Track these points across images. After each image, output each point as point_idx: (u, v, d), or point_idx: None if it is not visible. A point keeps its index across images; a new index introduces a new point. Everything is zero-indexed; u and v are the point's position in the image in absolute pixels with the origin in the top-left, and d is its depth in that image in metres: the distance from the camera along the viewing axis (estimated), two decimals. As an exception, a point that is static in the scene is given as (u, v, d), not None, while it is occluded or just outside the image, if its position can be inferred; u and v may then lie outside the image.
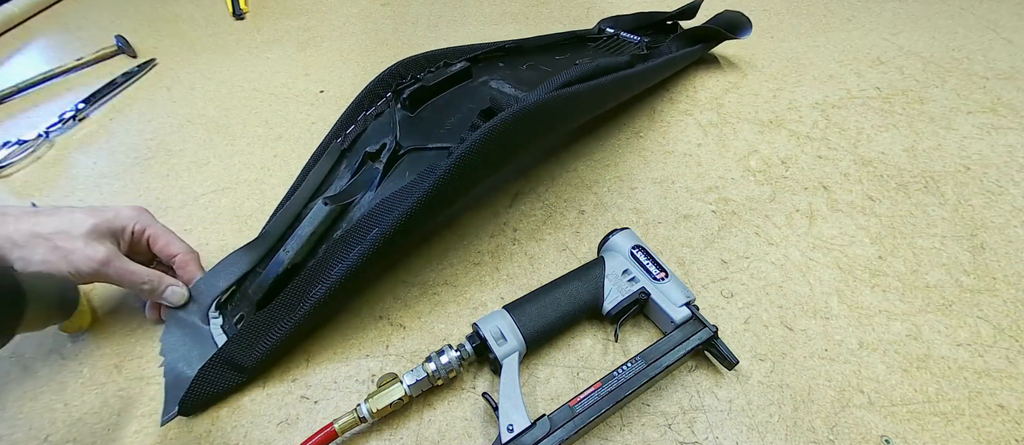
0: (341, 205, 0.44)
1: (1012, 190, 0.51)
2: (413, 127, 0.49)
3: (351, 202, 0.44)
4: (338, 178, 0.48)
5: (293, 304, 0.39)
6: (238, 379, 0.38)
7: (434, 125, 0.49)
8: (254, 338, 0.38)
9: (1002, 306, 0.42)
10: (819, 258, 0.46)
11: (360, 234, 0.39)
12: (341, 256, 0.39)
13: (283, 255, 0.42)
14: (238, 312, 0.42)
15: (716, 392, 0.38)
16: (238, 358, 0.38)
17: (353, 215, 0.44)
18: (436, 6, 0.89)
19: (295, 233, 0.43)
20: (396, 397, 0.35)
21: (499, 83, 0.54)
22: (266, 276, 0.41)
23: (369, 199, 0.44)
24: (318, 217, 0.42)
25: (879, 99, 0.64)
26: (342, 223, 0.43)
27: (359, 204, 0.44)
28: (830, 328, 0.41)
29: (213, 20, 0.89)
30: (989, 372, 0.38)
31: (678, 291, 0.39)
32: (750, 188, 0.53)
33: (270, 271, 0.41)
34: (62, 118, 0.66)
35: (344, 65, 0.75)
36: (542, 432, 0.33)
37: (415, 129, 0.49)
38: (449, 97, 0.53)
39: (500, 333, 0.37)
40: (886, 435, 0.35)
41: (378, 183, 0.45)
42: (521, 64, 0.61)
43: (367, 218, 0.40)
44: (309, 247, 0.42)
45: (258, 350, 0.38)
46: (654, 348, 0.37)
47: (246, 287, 0.43)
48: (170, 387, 0.38)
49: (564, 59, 0.64)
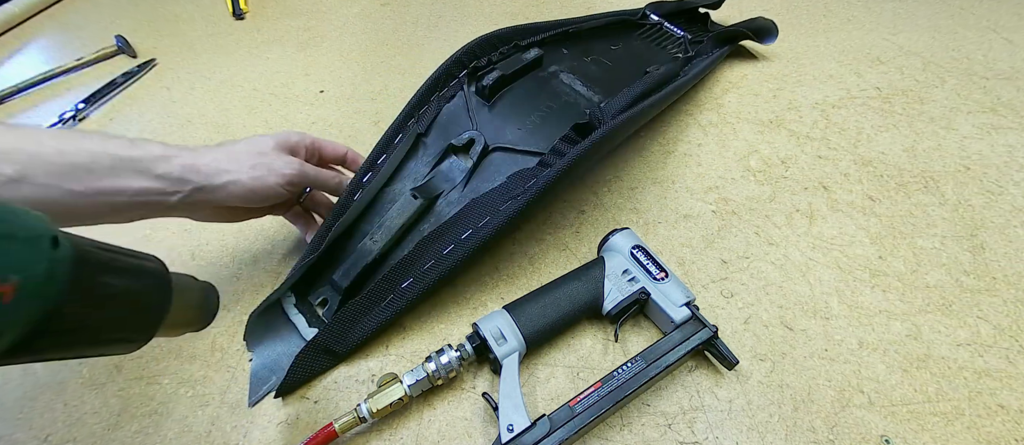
0: (429, 199, 0.45)
1: (1012, 190, 0.51)
2: (491, 118, 0.50)
3: (438, 196, 0.46)
4: (416, 164, 0.48)
5: (383, 295, 0.41)
6: (331, 363, 0.40)
7: (513, 119, 0.50)
8: (348, 326, 0.40)
9: (1002, 306, 0.42)
10: (819, 258, 0.46)
11: (453, 234, 0.41)
12: (434, 254, 0.41)
13: (372, 244, 0.43)
14: (319, 295, 0.43)
15: (716, 392, 0.38)
16: (332, 344, 0.40)
17: (441, 211, 0.45)
18: (436, 6, 0.89)
19: (383, 223, 0.44)
20: (396, 397, 0.35)
21: (570, 78, 0.56)
22: (353, 264, 0.42)
23: (457, 196, 0.45)
24: (407, 209, 0.44)
25: (879, 99, 0.64)
26: (429, 217, 0.45)
27: (447, 199, 0.45)
28: (830, 328, 0.41)
29: (213, 20, 0.89)
30: (989, 372, 0.38)
31: (678, 291, 0.39)
32: (750, 188, 0.53)
33: (357, 260, 0.42)
34: (62, 118, 0.66)
35: (344, 65, 0.75)
36: (542, 432, 0.33)
37: (494, 121, 0.50)
38: (522, 87, 0.54)
39: (500, 333, 0.37)
40: (886, 435, 0.35)
41: (467, 180, 0.46)
42: (583, 54, 0.62)
43: (459, 218, 0.42)
44: (397, 238, 0.44)
45: (352, 337, 0.40)
46: (654, 348, 0.37)
47: (329, 274, 0.43)
48: (255, 372, 0.40)
49: (618, 50, 0.65)
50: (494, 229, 0.40)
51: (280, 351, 0.41)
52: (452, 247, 0.41)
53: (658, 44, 0.69)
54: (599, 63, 0.62)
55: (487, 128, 0.49)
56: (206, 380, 0.40)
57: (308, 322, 0.42)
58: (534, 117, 0.51)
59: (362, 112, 0.66)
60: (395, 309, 0.40)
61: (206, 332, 0.42)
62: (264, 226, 0.51)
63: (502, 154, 0.48)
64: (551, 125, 0.50)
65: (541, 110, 0.52)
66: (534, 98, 0.53)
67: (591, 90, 0.55)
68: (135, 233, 0.49)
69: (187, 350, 0.41)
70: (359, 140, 0.61)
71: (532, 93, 0.53)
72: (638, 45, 0.69)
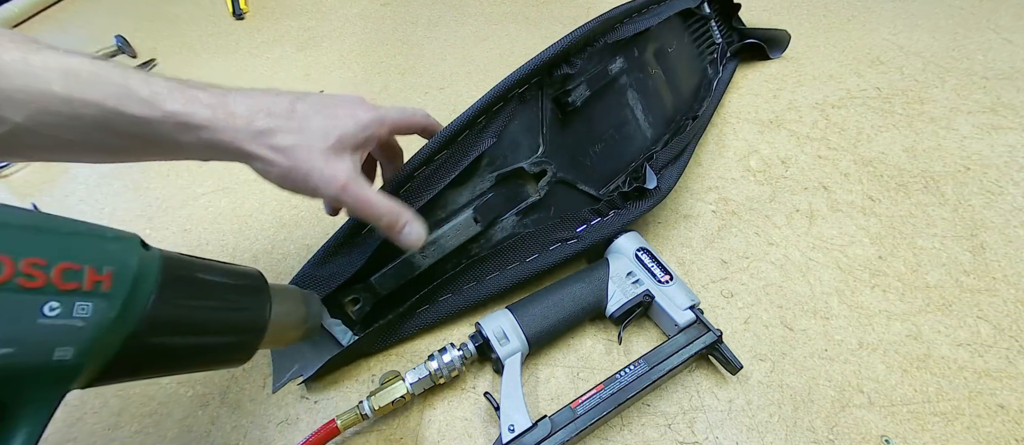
0: (487, 223, 0.42)
1: (1012, 190, 0.51)
2: (561, 140, 0.45)
3: (496, 218, 0.43)
4: (479, 176, 0.42)
5: (420, 305, 0.41)
6: (357, 358, 0.41)
7: (582, 146, 0.47)
8: (388, 336, 0.41)
9: (1002, 306, 0.42)
10: (819, 258, 0.46)
11: (501, 261, 0.43)
12: (475, 276, 0.42)
13: (421, 260, 0.41)
14: (350, 293, 0.40)
15: (716, 392, 0.38)
16: (367, 348, 0.41)
17: (494, 234, 0.43)
18: (436, 6, 0.89)
19: (437, 242, 0.41)
20: (398, 394, 0.35)
21: (634, 99, 0.52)
22: (398, 275, 0.41)
23: (512, 222, 0.44)
24: (465, 232, 0.41)
25: (879, 99, 0.64)
26: (482, 239, 0.43)
27: (502, 223, 0.43)
28: (830, 328, 0.41)
29: (213, 20, 0.89)
30: (989, 372, 0.38)
31: (682, 294, 0.39)
32: (750, 188, 0.53)
33: (403, 270, 0.41)
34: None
35: (344, 65, 0.75)
36: (543, 433, 0.33)
37: (564, 145, 0.45)
38: (598, 104, 0.48)
39: (503, 333, 0.37)
40: (886, 435, 0.35)
41: (526, 208, 0.44)
42: (647, 64, 0.55)
43: (508, 247, 0.43)
44: (449, 257, 0.42)
45: (385, 342, 0.41)
46: (657, 351, 0.37)
47: (364, 272, 0.40)
48: (276, 357, 0.40)
49: (672, 55, 0.59)
50: (540, 268, 0.42)
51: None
52: (496, 274, 0.42)
53: (700, 46, 0.65)
54: (657, 77, 0.56)
55: (555, 152, 0.45)
56: (206, 380, 0.40)
57: (331, 313, 0.40)
58: (598, 147, 0.48)
59: (362, 112, 0.66)
60: (429, 321, 0.41)
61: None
62: (264, 226, 0.51)
63: (564, 188, 0.45)
64: (609, 160, 0.49)
65: (605, 139, 0.49)
66: (603, 120, 0.49)
67: (647, 120, 0.53)
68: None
69: (187, 350, 0.41)
70: (359, 140, 0.61)
71: (603, 114, 0.49)
72: (687, 48, 0.64)
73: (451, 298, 0.42)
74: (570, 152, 0.46)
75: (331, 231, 0.38)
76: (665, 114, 0.56)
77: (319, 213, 0.52)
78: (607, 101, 0.49)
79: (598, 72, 0.47)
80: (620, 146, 0.51)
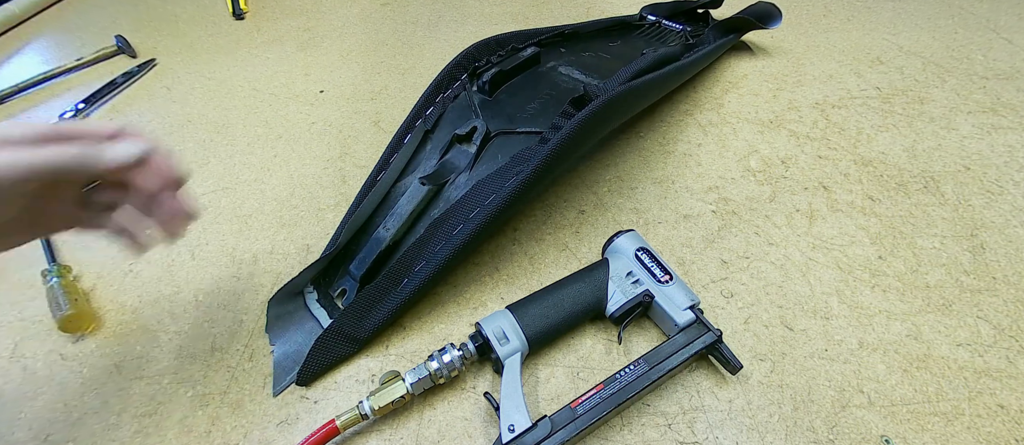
0: (437, 185, 0.46)
1: (1012, 190, 0.51)
2: (494, 110, 0.52)
3: (446, 182, 0.46)
4: (425, 158, 0.49)
5: (398, 278, 0.41)
6: (351, 349, 0.41)
7: (515, 109, 0.52)
8: (364, 311, 0.41)
9: (1002, 306, 0.42)
10: (819, 258, 0.46)
11: (462, 214, 0.42)
12: (444, 235, 0.42)
13: (384, 232, 0.44)
14: (338, 287, 0.44)
15: (716, 392, 0.38)
16: (349, 330, 0.40)
17: (450, 195, 0.46)
18: (436, 6, 0.89)
19: (394, 211, 0.45)
20: (398, 395, 0.35)
21: (568, 68, 0.58)
22: (368, 252, 0.44)
23: (464, 180, 0.46)
24: (416, 196, 0.45)
25: (879, 99, 0.64)
26: (438, 202, 0.46)
27: (455, 184, 0.46)
28: (830, 328, 0.41)
29: (213, 20, 0.89)
30: (989, 372, 0.38)
31: (682, 294, 0.39)
32: (750, 188, 0.53)
33: (371, 248, 0.44)
34: (62, 118, 0.66)
35: (344, 65, 0.75)
36: (543, 433, 0.33)
37: (497, 112, 0.51)
38: (522, 81, 0.56)
39: (503, 333, 0.37)
40: (886, 435, 0.35)
41: (472, 165, 0.47)
42: (582, 50, 0.64)
43: (467, 199, 0.42)
44: (408, 225, 0.45)
45: (369, 323, 0.41)
46: (657, 351, 0.37)
47: (346, 265, 0.44)
48: (278, 362, 0.40)
49: (617, 46, 0.67)
50: (499, 206, 0.41)
51: (301, 342, 0.41)
52: (460, 226, 0.41)
53: (658, 39, 0.70)
54: (598, 56, 0.63)
55: (490, 119, 0.50)
56: (206, 380, 0.40)
57: (328, 313, 0.43)
58: (535, 104, 0.53)
59: (362, 112, 0.66)
60: (409, 292, 0.41)
61: (206, 332, 0.42)
62: (264, 226, 0.51)
63: (504, 137, 0.49)
64: (551, 109, 0.51)
65: (541, 98, 0.53)
66: (534, 88, 0.55)
67: (590, 76, 0.57)
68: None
69: (187, 350, 0.41)
70: (359, 140, 0.61)
71: (531, 84, 0.55)
72: (638, 42, 0.70)
73: (425, 265, 0.42)
74: (506, 115, 0.51)
75: (331, 231, 0.39)
76: (616, 70, 0.56)
77: (319, 213, 0.52)
78: (532, 75, 0.57)
79: (510, 59, 0.56)
80: (562, 97, 0.53)
